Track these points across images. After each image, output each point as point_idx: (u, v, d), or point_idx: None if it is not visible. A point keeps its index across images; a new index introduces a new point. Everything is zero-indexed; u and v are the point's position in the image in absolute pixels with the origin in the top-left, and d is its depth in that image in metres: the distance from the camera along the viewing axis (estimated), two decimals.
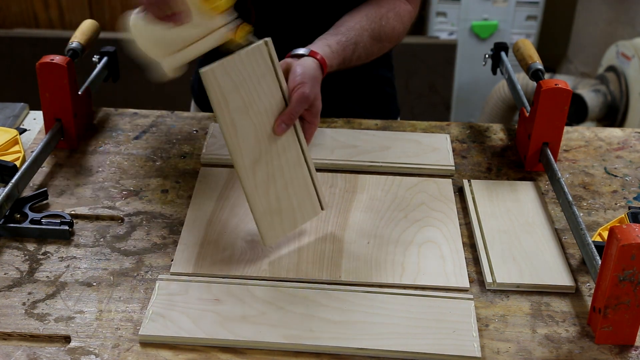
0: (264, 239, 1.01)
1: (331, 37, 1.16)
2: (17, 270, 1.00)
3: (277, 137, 1.01)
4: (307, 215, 1.05)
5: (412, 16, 1.30)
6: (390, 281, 0.99)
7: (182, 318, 0.91)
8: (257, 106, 0.99)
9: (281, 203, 1.02)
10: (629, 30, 2.85)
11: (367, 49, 1.21)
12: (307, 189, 1.04)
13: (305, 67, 1.04)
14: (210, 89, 0.95)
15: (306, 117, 1.04)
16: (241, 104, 0.98)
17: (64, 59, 1.21)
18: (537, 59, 1.29)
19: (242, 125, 0.98)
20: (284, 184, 1.02)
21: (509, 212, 1.12)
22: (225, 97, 0.96)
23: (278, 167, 1.01)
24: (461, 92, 3.24)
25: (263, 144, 1.00)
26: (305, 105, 1.02)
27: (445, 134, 1.32)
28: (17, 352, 0.88)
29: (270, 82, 1.00)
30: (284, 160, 1.02)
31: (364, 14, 1.21)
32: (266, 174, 1.00)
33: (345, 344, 0.89)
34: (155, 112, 1.37)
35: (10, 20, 2.98)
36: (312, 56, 1.09)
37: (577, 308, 0.96)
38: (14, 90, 2.86)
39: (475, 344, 0.89)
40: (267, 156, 1.00)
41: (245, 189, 1.00)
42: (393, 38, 1.26)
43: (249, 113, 0.98)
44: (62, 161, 1.23)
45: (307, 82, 1.02)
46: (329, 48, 1.13)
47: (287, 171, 1.02)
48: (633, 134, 1.36)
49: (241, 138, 0.98)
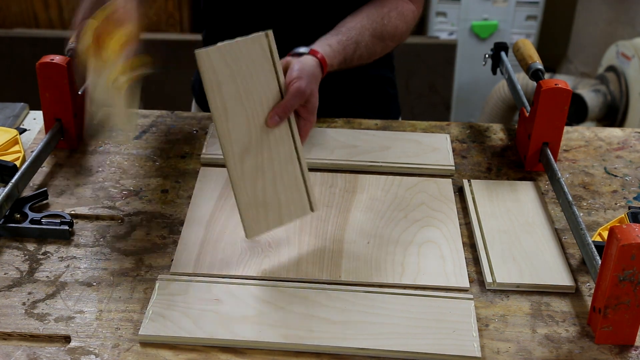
0: (246, 231, 1.00)
1: (332, 36, 1.16)
2: (17, 270, 1.00)
3: (270, 130, 1.00)
4: (295, 213, 1.03)
5: (416, 15, 1.30)
6: (390, 281, 0.99)
7: (182, 318, 0.91)
8: (251, 95, 0.98)
9: (267, 196, 1.01)
10: (629, 30, 2.85)
11: (369, 48, 1.21)
12: (296, 187, 1.03)
13: (303, 64, 1.05)
14: (204, 71, 0.95)
15: (302, 114, 1.04)
16: (235, 90, 0.97)
17: (64, 59, 1.21)
18: (537, 59, 1.29)
19: (234, 112, 0.97)
20: (273, 177, 1.01)
21: (509, 212, 1.12)
22: (219, 80, 0.96)
23: (268, 159, 1.00)
24: (461, 92, 3.24)
25: (254, 134, 0.99)
26: (300, 100, 1.02)
27: (445, 134, 1.32)
28: (17, 352, 0.88)
29: (268, 74, 0.99)
30: (275, 153, 1.01)
31: (365, 14, 1.21)
32: (255, 164, 0.99)
33: (345, 344, 0.89)
34: (155, 112, 1.37)
35: (10, 20, 2.98)
36: (313, 55, 1.09)
37: (577, 308, 0.96)
38: (14, 90, 2.86)
39: (475, 344, 0.89)
40: (257, 147, 0.99)
41: (231, 177, 0.98)
42: (396, 37, 1.26)
43: (242, 101, 0.98)
44: (62, 161, 1.23)
45: (304, 78, 1.02)
46: (329, 47, 1.13)
47: (277, 165, 1.01)
48: (633, 134, 1.36)
49: (232, 124, 0.97)
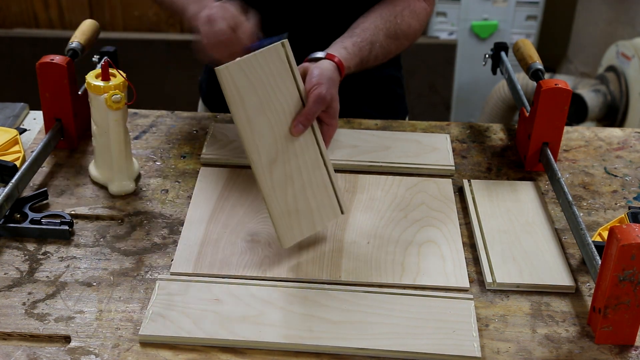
0: (281, 240, 1.01)
1: (347, 39, 1.16)
2: (17, 270, 1.00)
3: (295, 138, 1.01)
4: (327, 218, 1.04)
5: (428, 12, 1.30)
6: (390, 281, 0.99)
7: (182, 318, 0.91)
8: (273, 106, 0.99)
9: (299, 204, 1.02)
10: (629, 30, 2.85)
11: (384, 48, 1.21)
12: (326, 191, 1.04)
13: (322, 69, 1.05)
14: (226, 87, 0.96)
15: (324, 119, 1.04)
16: (257, 102, 0.98)
17: (64, 59, 1.21)
18: (537, 59, 1.29)
19: (259, 123, 0.98)
20: (302, 184, 1.02)
21: (509, 212, 1.12)
22: (241, 95, 0.97)
23: (296, 167, 1.01)
24: (461, 92, 3.24)
25: (280, 144, 1.00)
26: (322, 106, 1.02)
27: (445, 134, 1.32)
28: (17, 352, 0.88)
29: (288, 83, 1.00)
30: (301, 161, 1.02)
31: (378, 14, 1.22)
32: (283, 174, 1.00)
33: (345, 344, 0.89)
34: (155, 112, 1.37)
35: (10, 20, 2.98)
36: (330, 59, 1.09)
37: (577, 308, 0.96)
38: (14, 90, 2.86)
39: (475, 344, 0.89)
40: (284, 156, 1.00)
41: (262, 189, 0.99)
42: (410, 35, 1.26)
43: (266, 112, 0.98)
44: (62, 161, 1.23)
45: (324, 83, 1.03)
46: (345, 50, 1.13)
47: (305, 172, 1.02)
48: (633, 134, 1.36)
49: (257, 136, 0.98)
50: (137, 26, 2.99)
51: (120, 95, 1.09)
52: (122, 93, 1.09)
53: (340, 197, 1.05)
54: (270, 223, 1.07)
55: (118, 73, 1.12)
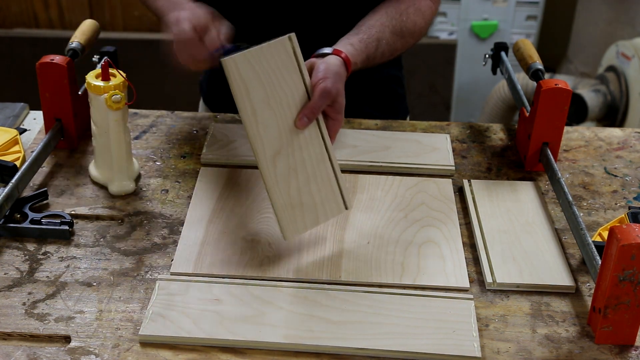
0: (284, 232, 1.01)
1: (353, 36, 1.17)
2: (17, 270, 1.00)
3: (300, 131, 1.01)
4: (331, 213, 1.04)
5: (434, 11, 1.31)
6: (390, 281, 0.99)
7: (182, 318, 0.91)
8: (279, 98, 0.99)
9: (302, 197, 1.01)
10: (629, 30, 2.85)
11: (391, 45, 1.22)
12: (330, 186, 1.04)
13: (328, 64, 1.05)
14: (232, 78, 0.96)
15: (329, 114, 1.04)
16: (263, 94, 0.98)
17: (64, 59, 1.21)
18: (537, 59, 1.29)
19: (264, 115, 0.98)
20: (306, 178, 1.02)
21: (509, 212, 1.12)
22: (246, 86, 0.97)
23: (300, 160, 1.01)
24: (461, 92, 3.24)
25: (285, 137, 1.00)
26: (327, 100, 1.02)
27: (445, 134, 1.32)
28: (17, 352, 0.88)
29: (294, 76, 1.00)
30: (306, 154, 1.02)
31: (384, 12, 1.22)
32: (287, 166, 1.00)
33: (345, 344, 0.89)
34: (155, 112, 1.37)
35: (10, 20, 2.98)
36: (336, 54, 1.10)
37: (577, 308, 0.96)
38: (14, 90, 2.86)
39: (475, 344, 0.89)
40: (288, 149, 1.00)
41: (265, 181, 0.99)
42: (415, 33, 1.26)
43: (271, 104, 0.99)
44: (62, 161, 1.23)
45: (330, 77, 1.03)
46: (351, 46, 1.14)
47: (310, 166, 1.02)
48: (633, 134, 1.36)
49: (262, 128, 0.98)
50: (137, 26, 2.99)
51: (120, 95, 1.09)
52: (122, 93, 1.09)
53: (344, 192, 1.05)
54: (271, 223, 1.07)
55: (118, 73, 1.12)
